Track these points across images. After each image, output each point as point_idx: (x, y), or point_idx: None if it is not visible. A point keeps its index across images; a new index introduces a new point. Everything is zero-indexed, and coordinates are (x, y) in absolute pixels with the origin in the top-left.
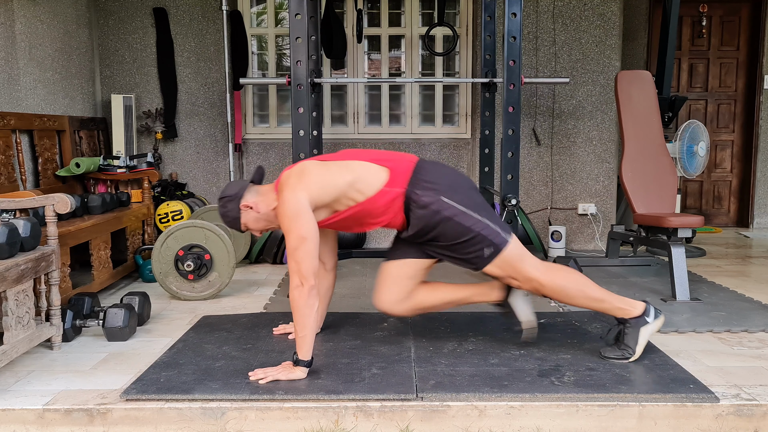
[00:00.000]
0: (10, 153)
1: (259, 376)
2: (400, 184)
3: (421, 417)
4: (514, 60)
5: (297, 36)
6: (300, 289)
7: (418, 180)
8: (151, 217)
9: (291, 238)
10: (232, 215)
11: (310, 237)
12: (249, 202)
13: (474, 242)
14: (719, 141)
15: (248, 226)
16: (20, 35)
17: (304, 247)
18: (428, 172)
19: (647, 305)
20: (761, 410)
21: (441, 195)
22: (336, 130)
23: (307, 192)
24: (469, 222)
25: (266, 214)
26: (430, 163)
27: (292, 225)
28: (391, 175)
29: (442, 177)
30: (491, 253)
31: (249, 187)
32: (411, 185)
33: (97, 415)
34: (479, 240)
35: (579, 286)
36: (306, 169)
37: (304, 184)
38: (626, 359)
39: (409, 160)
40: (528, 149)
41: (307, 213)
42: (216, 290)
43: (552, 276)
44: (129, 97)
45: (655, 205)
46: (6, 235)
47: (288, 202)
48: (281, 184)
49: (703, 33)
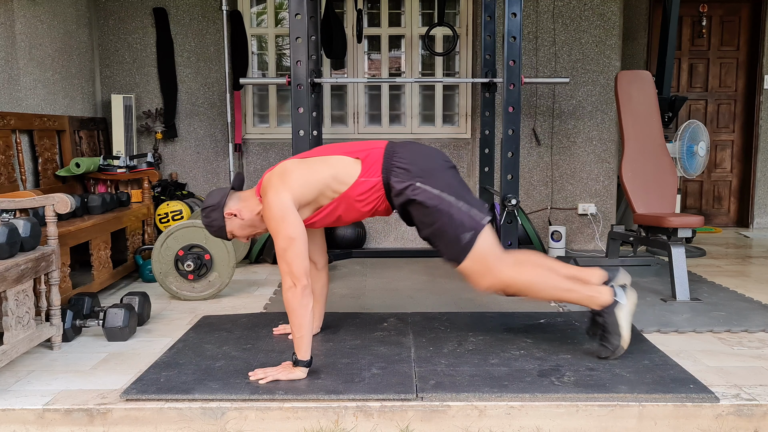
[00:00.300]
0: (10, 153)
1: (259, 376)
2: (374, 172)
3: (421, 417)
4: (514, 60)
5: (297, 36)
6: (293, 290)
7: (391, 166)
8: (151, 217)
9: (279, 239)
10: (217, 224)
11: (298, 237)
12: (233, 210)
13: (451, 227)
14: (719, 141)
15: (234, 234)
16: (20, 35)
17: (294, 248)
18: (400, 156)
19: (612, 288)
20: (761, 410)
21: (416, 180)
22: (336, 130)
23: (290, 192)
24: (444, 206)
25: (251, 220)
26: (400, 146)
27: (280, 227)
28: (363, 166)
29: (415, 159)
30: (469, 239)
31: (230, 194)
32: (385, 172)
33: (97, 415)
34: (455, 225)
35: (546, 280)
36: (287, 169)
37: (286, 185)
38: (617, 348)
39: (379, 147)
40: (528, 149)
41: (292, 213)
42: (216, 290)
43: (520, 272)
44: (129, 97)
45: (655, 205)
46: (6, 235)
47: (273, 205)
48: (264, 187)
49: (703, 33)
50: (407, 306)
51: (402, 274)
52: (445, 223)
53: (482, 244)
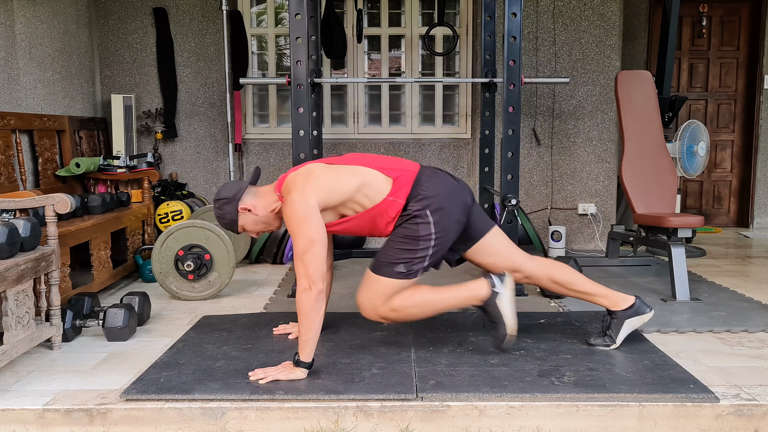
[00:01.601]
0: (10, 153)
1: (259, 376)
2: (402, 194)
3: (421, 417)
4: (514, 60)
5: (297, 36)
6: (308, 293)
7: (417, 194)
8: (151, 217)
9: (299, 240)
10: (230, 217)
11: (318, 240)
12: (247, 205)
13: (404, 256)
14: (719, 141)
15: (246, 228)
16: (20, 35)
17: (313, 250)
18: (428, 187)
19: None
20: (761, 410)
21: (428, 209)
22: (336, 130)
23: (315, 194)
24: (422, 243)
25: (265, 217)
26: (431, 176)
27: (301, 227)
28: (394, 185)
29: (439, 193)
30: (403, 274)
31: (247, 188)
32: (409, 198)
33: (97, 415)
34: (408, 258)
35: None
36: (313, 171)
37: (312, 186)
38: (504, 337)
39: (411, 171)
40: (528, 149)
41: (316, 216)
42: (216, 290)
43: (408, 298)
44: (129, 97)
45: (655, 205)
46: (6, 235)
47: (297, 204)
48: (287, 186)
49: (703, 33)
50: None
51: None
52: (406, 249)
53: (401, 284)
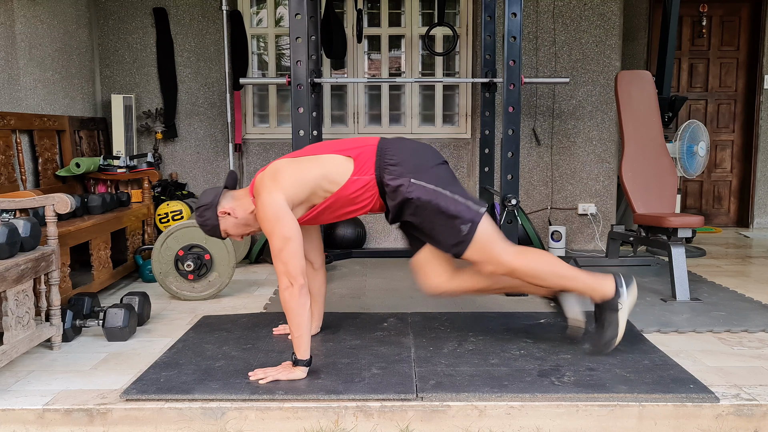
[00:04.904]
0: (10, 153)
1: (259, 376)
2: (367, 170)
3: (421, 417)
4: (514, 60)
5: (297, 36)
6: (290, 290)
7: (384, 164)
8: (151, 217)
9: (275, 240)
10: (211, 223)
11: (293, 237)
12: (226, 208)
13: (449, 220)
14: (719, 141)
15: (228, 233)
16: (20, 35)
17: (289, 248)
18: (392, 154)
19: (617, 279)
20: (761, 410)
21: (410, 176)
22: (336, 130)
23: (283, 192)
24: (441, 200)
25: (245, 218)
26: (392, 143)
27: (275, 228)
28: (356, 164)
29: (408, 156)
30: (468, 230)
31: (224, 193)
32: (378, 170)
33: (97, 415)
34: (453, 217)
35: (551, 267)
36: (279, 169)
37: (279, 185)
38: (609, 342)
39: (370, 145)
40: (528, 149)
41: (287, 213)
42: (216, 290)
43: (524, 259)
44: (129, 97)
45: (655, 205)
46: (6, 235)
47: (267, 205)
48: (257, 188)
49: (703, 33)
50: (407, 306)
51: (402, 274)
52: (443, 216)
53: (482, 233)
